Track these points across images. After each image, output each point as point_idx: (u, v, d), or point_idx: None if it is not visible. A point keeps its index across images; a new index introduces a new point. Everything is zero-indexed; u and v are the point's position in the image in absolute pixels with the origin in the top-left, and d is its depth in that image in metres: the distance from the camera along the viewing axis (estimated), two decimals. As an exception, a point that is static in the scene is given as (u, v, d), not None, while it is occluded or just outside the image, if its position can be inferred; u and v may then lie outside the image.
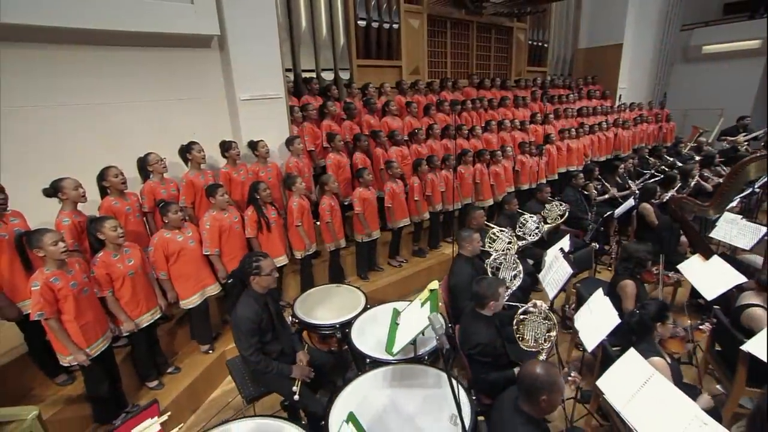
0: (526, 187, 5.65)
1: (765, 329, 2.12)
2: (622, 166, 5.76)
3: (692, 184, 5.05)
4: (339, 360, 2.79)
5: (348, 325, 2.68)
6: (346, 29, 5.44)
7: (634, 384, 1.83)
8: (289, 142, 3.99)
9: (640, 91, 10.09)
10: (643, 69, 10.05)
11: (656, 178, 5.53)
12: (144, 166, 3.11)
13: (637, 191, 5.18)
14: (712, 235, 3.71)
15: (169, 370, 2.94)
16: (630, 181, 5.70)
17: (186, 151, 3.32)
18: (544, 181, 5.96)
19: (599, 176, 5.50)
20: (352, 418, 1.34)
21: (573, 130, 6.61)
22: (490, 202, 5.22)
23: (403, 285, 4.40)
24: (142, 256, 2.68)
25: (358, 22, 5.52)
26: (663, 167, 6.12)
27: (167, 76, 3.52)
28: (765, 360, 2.04)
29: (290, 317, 2.91)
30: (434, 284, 2.25)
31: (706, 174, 5.67)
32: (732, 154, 6.83)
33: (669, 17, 10.35)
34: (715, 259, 2.93)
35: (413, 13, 6.21)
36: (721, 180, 5.28)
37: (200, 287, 2.98)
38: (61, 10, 2.81)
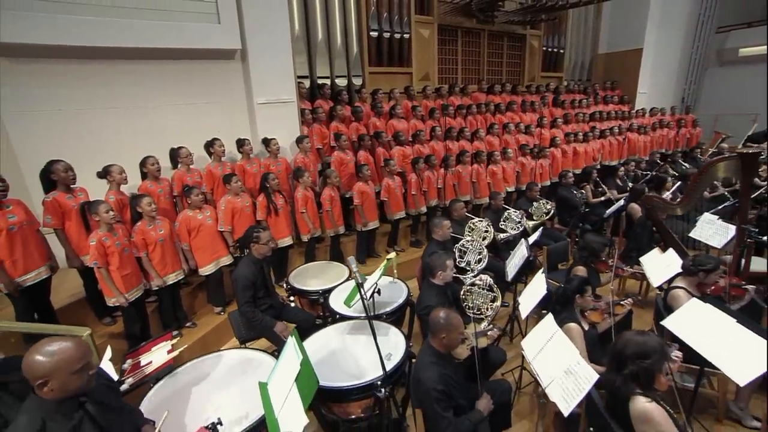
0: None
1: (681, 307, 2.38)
2: (622, 169, 5.89)
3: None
4: (322, 323, 3.30)
5: (329, 291, 3.21)
6: (359, 39, 5.94)
7: (543, 340, 2.21)
8: (298, 141, 4.59)
9: (665, 95, 9.86)
10: (668, 73, 9.82)
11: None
12: (175, 156, 3.80)
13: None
14: (691, 234, 3.88)
15: (188, 324, 3.58)
16: (630, 184, 5.81)
17: (210, 146, 4.00)
18: (548, 182, 6.21)
19: (597, 178, 5.68)
20: (294, 333, 1.84)
21: (581, 134, 6.77)
22: (487, 200, 5.54)
23: (397, 270, 4.84)
24: (171, 228, 3.35)
25: (371, 33, 6.03)
26: (674, 171, 6.15)
27: (196, 83, 4.25)
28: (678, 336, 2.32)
29: (284, 285, 3.48)
30: (392, 255, 2.71)
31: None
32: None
33: (701, 19, 10.06)
34: (670, 251, 3.15)
35: (424, 24, 6.62)
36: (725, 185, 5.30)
37: (215, 257, 3.62)
38: (115, 33, 3.59)
